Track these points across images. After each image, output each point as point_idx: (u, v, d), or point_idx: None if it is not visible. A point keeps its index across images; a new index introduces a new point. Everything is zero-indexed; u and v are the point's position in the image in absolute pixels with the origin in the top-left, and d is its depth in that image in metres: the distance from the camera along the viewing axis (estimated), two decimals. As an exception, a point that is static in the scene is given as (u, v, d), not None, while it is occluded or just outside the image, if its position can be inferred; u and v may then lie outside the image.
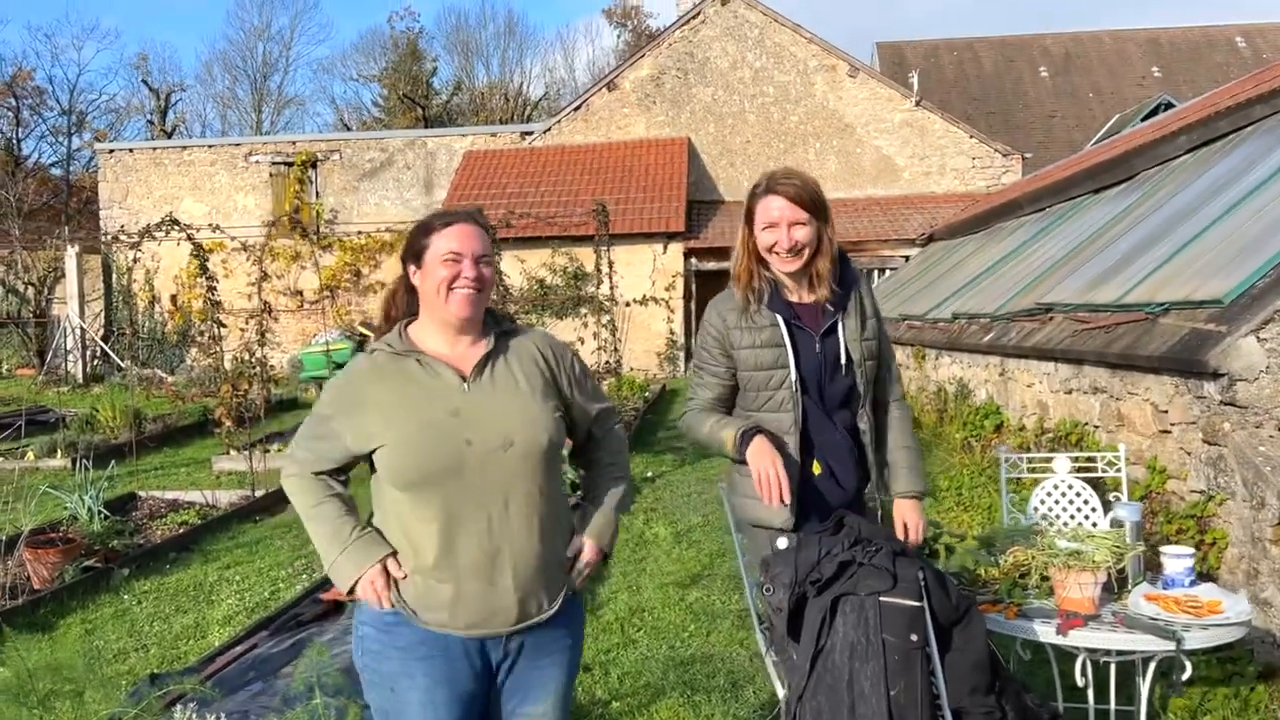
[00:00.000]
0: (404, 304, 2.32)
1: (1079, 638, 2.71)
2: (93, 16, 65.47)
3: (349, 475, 2.29)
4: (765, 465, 2.51)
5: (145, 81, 39.27)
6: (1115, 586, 2.93)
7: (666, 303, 18.53)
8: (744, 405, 2.75)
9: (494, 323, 2.29)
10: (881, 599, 2.30)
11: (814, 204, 2.63)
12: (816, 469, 2.67)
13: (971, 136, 20.17)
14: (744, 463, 2.60)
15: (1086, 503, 3.90)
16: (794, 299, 2.71)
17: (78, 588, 5.79)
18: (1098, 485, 4.09)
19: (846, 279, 2.75)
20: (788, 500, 2.52)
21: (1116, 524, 3.12)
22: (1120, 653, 2.81)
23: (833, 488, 2.69)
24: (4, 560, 5.80)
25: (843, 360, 2.68)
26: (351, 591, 2.14)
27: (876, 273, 18.59)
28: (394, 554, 2.14)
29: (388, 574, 2.12)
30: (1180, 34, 30.73)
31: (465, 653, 2.13)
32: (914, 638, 2.27)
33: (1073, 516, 3.90)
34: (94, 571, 5.98)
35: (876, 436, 2.79)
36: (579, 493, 2.43)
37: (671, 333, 18.95)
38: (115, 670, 4.71)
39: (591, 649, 4.63)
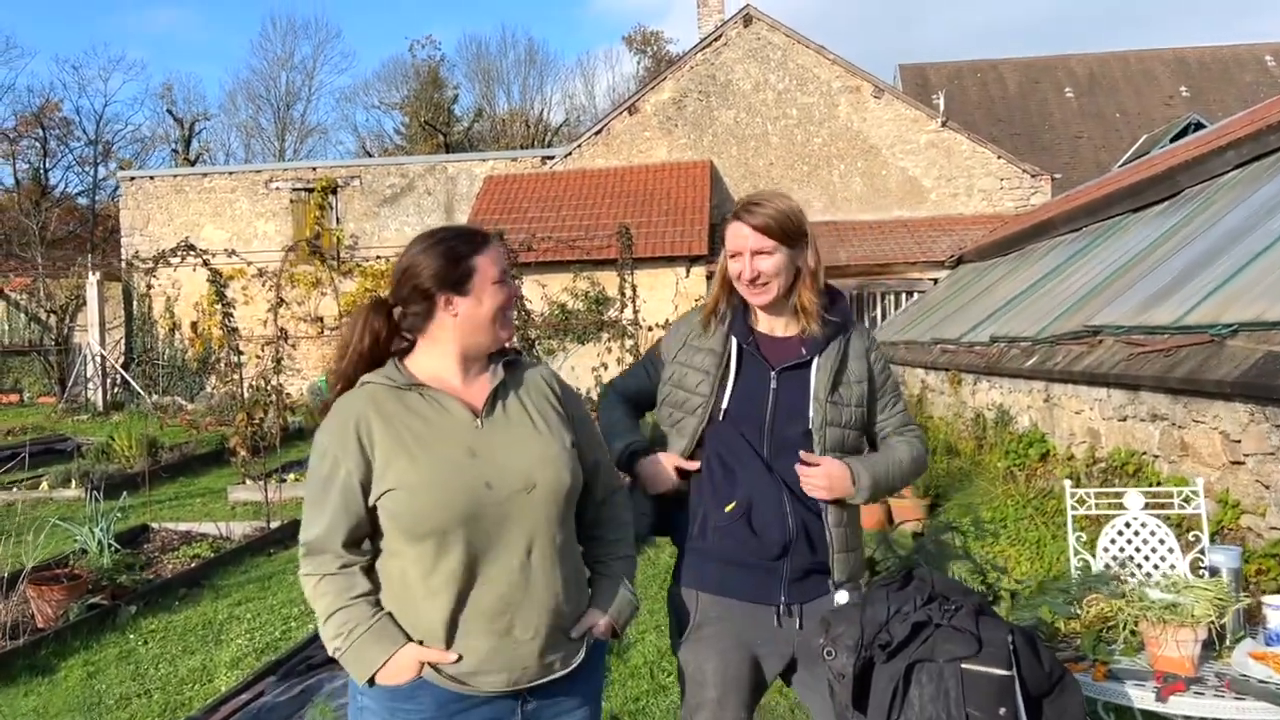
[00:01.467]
0: (388, 346, 2.03)
1: (1181, 704, 2.38)
2: (119, 48, 66.58)
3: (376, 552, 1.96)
4: (651, 465, 2.38)
5: (170, 111, 39.65)
6: (1216, 642, 2.60)
7: (689, 327, 18.23)
8: (659, 419, 2.52)
9: (496, 352, 2.06)
10: (964, 666, 1.99)
11: (783, 231, 2.34)
12: (729, 507, 2.32)
13: (999, 157, 19.84)
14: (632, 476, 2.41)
15: (1162, 542, 3.56)
16: (764, 329, 2.42)
17: (82, 627, 5.55)
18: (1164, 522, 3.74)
19: (834, 321, 2.41)
20: (687, 466, 2.34)
21: (1212, 571, 2.78)
22: None
23: (745, 536, 2.29)
24: (6, 598, 5.57)
25: (806, 411, 2.34)
26: (371, 681, 1.87)
27: (904, 295, 18.26)
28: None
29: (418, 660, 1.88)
30: (1208, 53, 30.35)
31: None
32: (1003, 712, 1.96)
33: (1147, 558, 3.56)
34: (100, 609, 5.74)
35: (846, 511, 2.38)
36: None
37: (695, 358, 18.64)
38: (115, 719, 4.45)
39: (619, 696, 4.33)
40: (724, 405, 2.34)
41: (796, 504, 2.30)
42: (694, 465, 2.36)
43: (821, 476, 2.29)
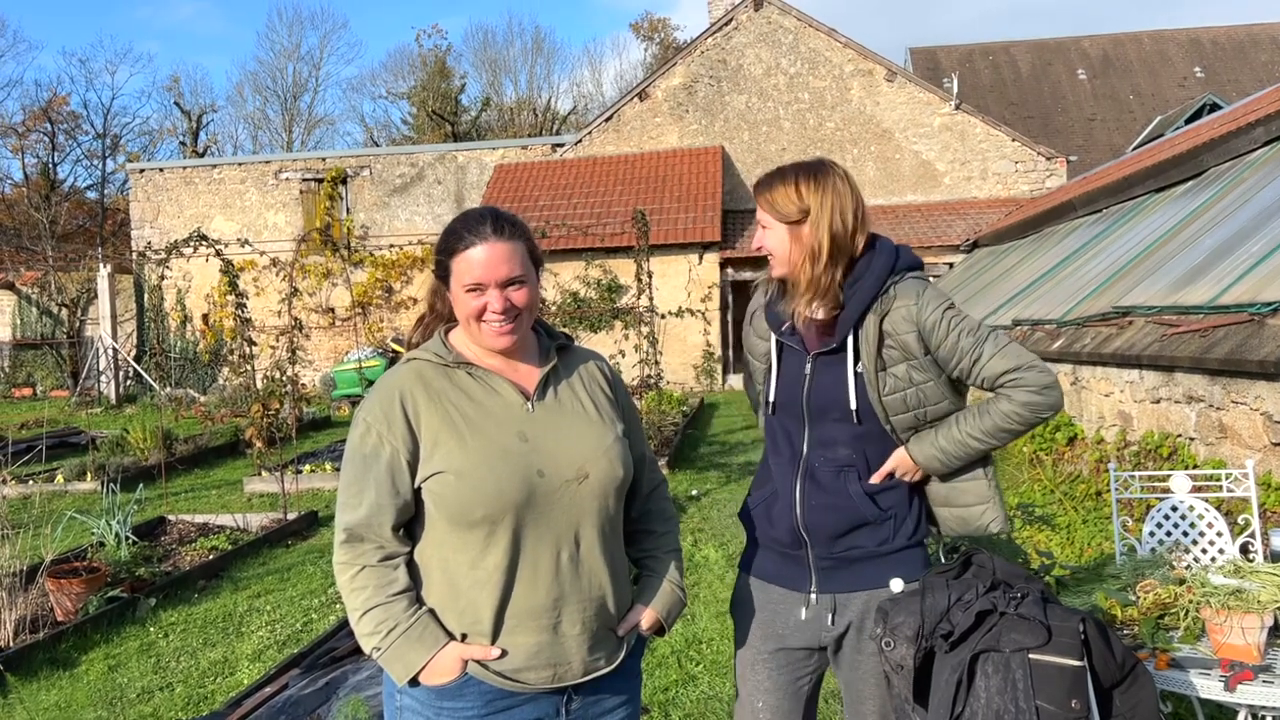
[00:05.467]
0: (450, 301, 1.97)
1: (1250, 693, 2.29)
2: (126, 41, 66.50)
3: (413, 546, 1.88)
4: None
5: (178, 104, 39.63)
6: (1281, 629, 2.50)
7: (703, 314, 18.10)
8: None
9: (548, 335, 1.98)
10: (1032, 657, 1.90)
11: (778, 204, 2.17)
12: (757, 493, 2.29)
13: (1014, 140, 19.65)
14: None
15: (1210, 526, 3.46)
16: (804, 310, 2.21)
17: (102, 620, 5.50)
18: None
19: (861, 292, 2.15)
20: None
21: (1275, 556, 2.68)
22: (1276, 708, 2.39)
23: (763, 526, 2.26)
24: (25, 591, 5.52)
25: (846, 401, 2.16)
26: (415, 681, 1.79)
27: (919, 281, 18.12)
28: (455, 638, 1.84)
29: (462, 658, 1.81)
30: (1223, 33, 30.04)
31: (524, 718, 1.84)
32: (1075, 705, 1.86)
33: (1195, 542, 3.46)
34: (119, 602, 5.69)
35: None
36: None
37: (708, 345, 18.54)
38: (139, 713, 4.39)
39: (648, 687, 4.25)
40: (771, 397, 2.27)
41: (814, 494, 2.16)
42: None
43: (893, 469, 2.21)
